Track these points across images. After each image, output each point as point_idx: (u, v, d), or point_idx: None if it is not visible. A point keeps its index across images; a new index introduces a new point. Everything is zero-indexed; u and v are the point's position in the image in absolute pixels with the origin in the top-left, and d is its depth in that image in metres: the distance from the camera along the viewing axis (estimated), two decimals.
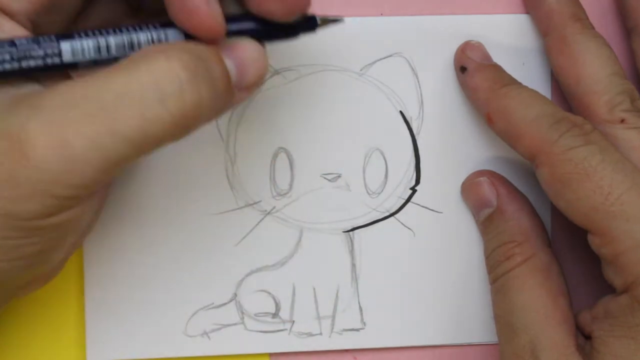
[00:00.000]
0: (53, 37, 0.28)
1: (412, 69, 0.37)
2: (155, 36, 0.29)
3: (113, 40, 0.29)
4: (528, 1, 0.37)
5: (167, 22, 0.30)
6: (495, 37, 0.37)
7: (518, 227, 0.35)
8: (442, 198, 0.38)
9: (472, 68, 0.36)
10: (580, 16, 0.35)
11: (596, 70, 0.34)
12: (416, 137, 0.38)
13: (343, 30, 0.37)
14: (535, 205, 0.37)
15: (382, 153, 0.38)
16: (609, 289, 0.33)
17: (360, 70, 0.37)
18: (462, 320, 0.38)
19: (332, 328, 0.38)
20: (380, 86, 0.38)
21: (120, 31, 0.29)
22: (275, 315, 0.38)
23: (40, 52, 0.28)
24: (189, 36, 0.30)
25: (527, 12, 0.38)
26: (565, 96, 0.36)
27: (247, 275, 0.37)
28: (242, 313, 0.37)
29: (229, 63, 0.30)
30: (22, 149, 0.26)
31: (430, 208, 0.38)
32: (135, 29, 0.29)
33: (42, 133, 0.26)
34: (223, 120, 0.37)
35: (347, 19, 0.37)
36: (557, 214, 0.38)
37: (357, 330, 0.38)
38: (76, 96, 0.27)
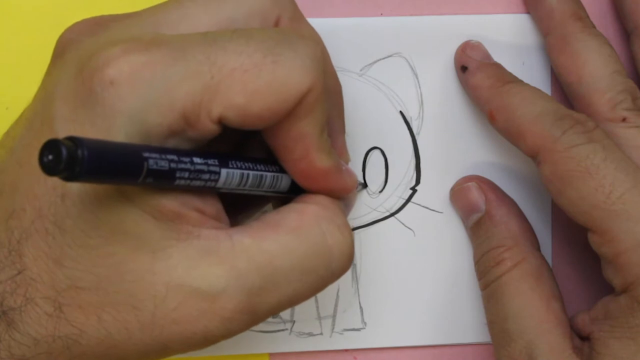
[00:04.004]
0: (217, 162, 0.27)
1: (412, 69, 0.37)
2: (274, 180, 0.29)
3: (251, 175, 0.28)
4: (528, 0, 0.37)
5: (281, 169, 0.29)
6: (495, 37, 0.37)
7: (507, 231, 0.35)
8: (442, 198, 0.38)
9: (473, 67, 0.36)
10: (581, 15, 0.35)
11: (598, 69, 0.34)
12: (416, 137, 0.38)
13: (343, 31, 0.37)
14: (536, 205, 0.37)
15: (382, 153, 0.38)
16: (609, 289, 0.33)
17: (360, 70, 0.37)
18: (463, 320, 0.38)
19: (333, 328, 0.38)
20: (380, 86, 0.37)
21: (255, 167, 0.28)
22: (275, 315, 0.37)
23: (206, 176, 0.26)
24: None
25: (527, 12, 0.38)
26: (567, 95, 0.36)
27: None
28: None
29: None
30: (215, 309, 0.26)
31: (431, 208, 0.38)
32: (261, 168, 0.29)
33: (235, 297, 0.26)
34: None
35: (347, 19, 0.37)
36: (558, 214, 0.38)
37: (358, 330, 0.38)
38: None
